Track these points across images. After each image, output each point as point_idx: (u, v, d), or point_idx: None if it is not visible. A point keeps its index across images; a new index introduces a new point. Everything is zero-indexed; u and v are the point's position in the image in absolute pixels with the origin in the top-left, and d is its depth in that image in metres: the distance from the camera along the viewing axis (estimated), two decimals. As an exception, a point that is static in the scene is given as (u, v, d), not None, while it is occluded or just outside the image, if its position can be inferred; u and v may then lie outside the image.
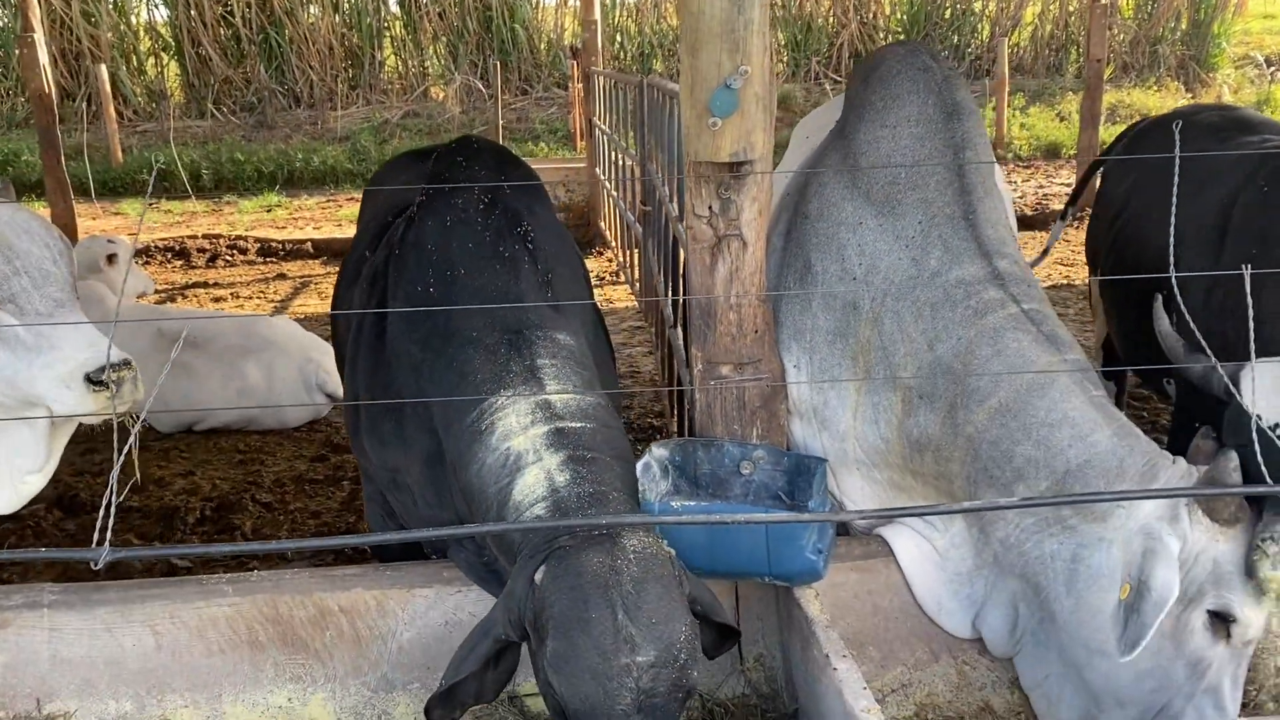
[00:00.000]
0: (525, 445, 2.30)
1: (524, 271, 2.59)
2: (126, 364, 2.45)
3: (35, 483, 2.73)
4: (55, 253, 2.54)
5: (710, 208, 2.66)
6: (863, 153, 2.86)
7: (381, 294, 2.74)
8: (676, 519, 2.41)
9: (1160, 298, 2.67)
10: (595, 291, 3.44)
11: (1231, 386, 2.35)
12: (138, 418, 2.15)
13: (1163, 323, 2.62)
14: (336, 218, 11.50)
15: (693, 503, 2.50)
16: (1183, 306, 2.38)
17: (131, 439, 2.17)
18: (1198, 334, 2.39)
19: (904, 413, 2.65)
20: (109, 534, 1.84)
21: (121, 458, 1.94)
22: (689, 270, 2.78)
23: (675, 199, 4.44)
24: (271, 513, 4.79)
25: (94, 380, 2.40)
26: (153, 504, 4.87)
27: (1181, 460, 2.35)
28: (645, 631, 1.98)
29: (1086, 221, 5.27)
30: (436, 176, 2.73)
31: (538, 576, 2.08)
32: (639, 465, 2.62)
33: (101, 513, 1.86)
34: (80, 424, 2.68)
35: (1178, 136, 2.58)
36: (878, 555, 2.79)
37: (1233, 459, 2.25)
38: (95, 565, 1.83)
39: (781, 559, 2.41)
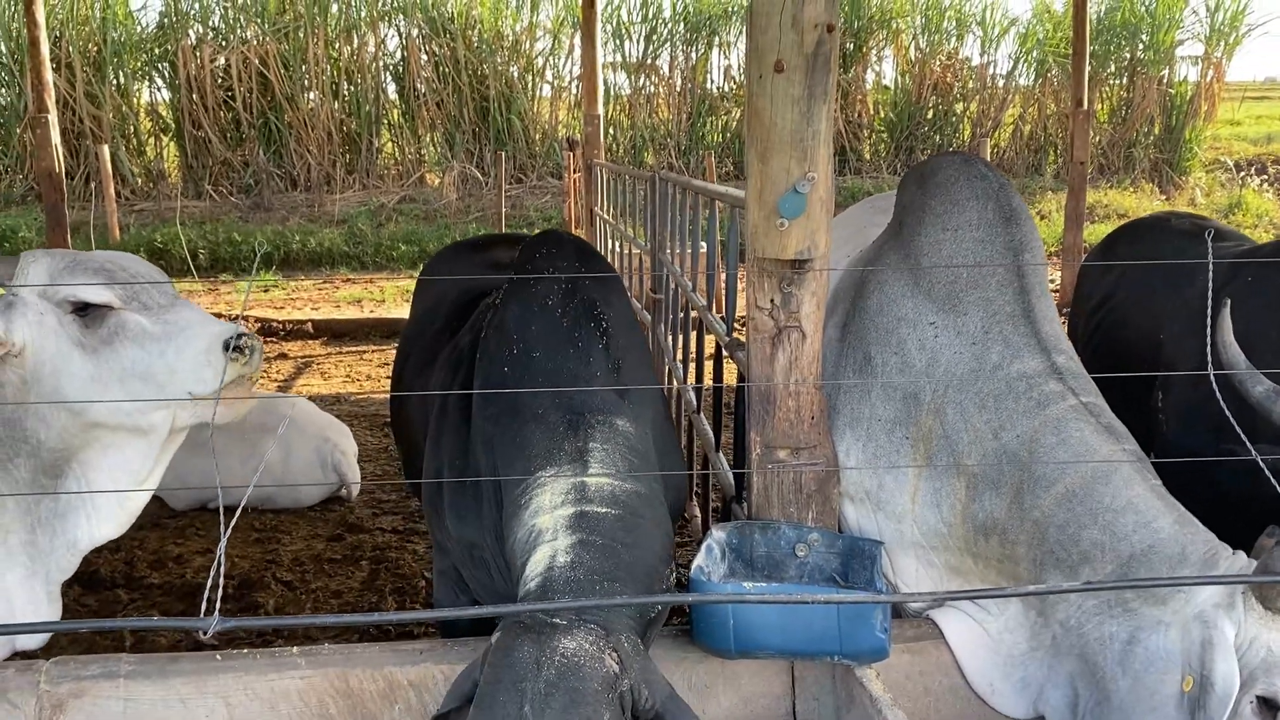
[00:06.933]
0: (547, 524, 2.34)
1: (595, 358, 2.68)
2: (253, 334, 2.59)
3: (140, 499, 2.77)
4: (157, 272, 2.69)
5: (772, 300, 2.81)
6: (925, 254, 2.99)
7: (467, 375, 2.82)
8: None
9: (1229, 304, 2.74)
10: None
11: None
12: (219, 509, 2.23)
13: (1227, 335, 2.67)
14: (334, 299, 11.61)
15: (762, 584, 2.59)
16: (1221, 399, 2.51)
17: (236, 514, 2.26)
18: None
19: (968, 498, 2.76)
20: (217, 605, 1.93)
21: (228, 531, 2.04)
22: (749, 358, 2.90)
23: (697, 288, 4.60)
24: (293, 591, 4.81)
25: (232, 347, 2.51)
26: (174, 580, 4.88)
27: (1241, 553, 2.47)
28: None
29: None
30: (523, 266, 2.85)
31: (492, 641, 2.13)
32: (702, 547, 2.71)
33: (209, 583, 1.95)
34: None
35: (1210, 245, 2.75)
36: (928, 637, 2.87)
37: None
38: (205, 635, 1.91)
39: (854, 638, 2.49)
